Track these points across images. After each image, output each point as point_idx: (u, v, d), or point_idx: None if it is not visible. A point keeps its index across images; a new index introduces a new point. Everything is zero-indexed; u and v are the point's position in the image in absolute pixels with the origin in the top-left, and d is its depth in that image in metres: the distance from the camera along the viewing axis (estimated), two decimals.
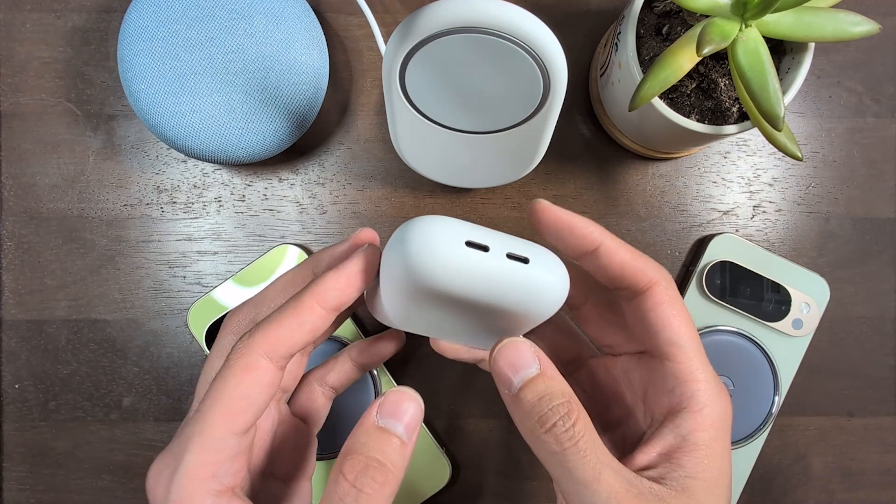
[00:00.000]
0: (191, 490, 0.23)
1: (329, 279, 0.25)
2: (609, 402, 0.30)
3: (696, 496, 0.23)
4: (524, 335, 0.26)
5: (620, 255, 0.25)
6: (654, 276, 0.25)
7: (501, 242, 0.22)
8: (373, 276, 0.26)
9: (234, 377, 0.24)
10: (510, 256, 0.22)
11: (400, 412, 0.23)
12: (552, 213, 0.26)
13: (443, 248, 0.21)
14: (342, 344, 0.42)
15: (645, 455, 0.25)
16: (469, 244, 0.22)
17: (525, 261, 0.22)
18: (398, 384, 0.42)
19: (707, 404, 0.24)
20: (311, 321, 0.24)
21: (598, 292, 0.30)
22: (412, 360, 0.44)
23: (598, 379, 0.30)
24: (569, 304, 0.30)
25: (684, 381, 0.24)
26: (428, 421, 0.43)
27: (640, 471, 0.24)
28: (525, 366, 0.23)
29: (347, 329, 0.42)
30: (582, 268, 0.28)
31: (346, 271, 0.25)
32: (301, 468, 0.30)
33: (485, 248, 0.22)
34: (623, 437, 0.28)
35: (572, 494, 0.22)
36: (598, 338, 0.30)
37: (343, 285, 0.25)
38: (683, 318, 0.25)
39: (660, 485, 0.23)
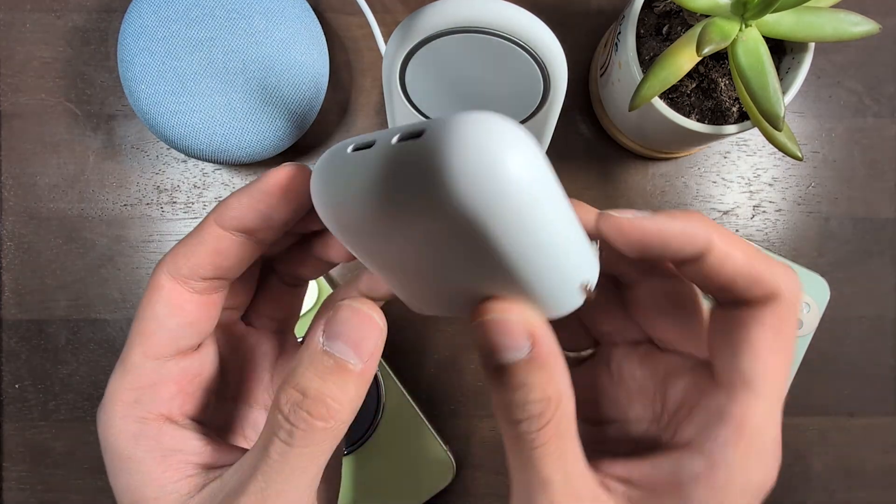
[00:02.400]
0: (115, 417, 0.21)
1: (230, 197, 0.22)
2: (598, 397, 0.26)
3: None
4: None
5: (732, 262, 0.19)
6: (775, 289, 0.19)
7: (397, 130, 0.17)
8: (293, 200, 0.22)
9: (145, 297, 0.22)
10: (402, 138, 0.16)
11: (353, 336, 0.19)
12: (638, 229, 0.19)
13: (328, 163, 0.18)
14: None
15: (631, 471, 0.21)
16: (356, 148, 0.17)
17: (417, 134, 0.16)
18: (400, 382, 0.42)
19: (740, 473, 0.19)
20: (211, 241, 0.22)
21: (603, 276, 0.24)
22: (413, 360, 0.44)
23: (598, 369, 0.26)
24: (619, 278, 0.25)
25: (726, 426, 0.20)
26: (431, 419, 0.43)
27: (617, 479, 0.21)
28: (514, 347, 0.18)
29: None
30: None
31: (249, 189, 0.22)
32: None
33: (369, 145, 0.17)
34: (608, 435, 0.25)
35: (518, 482, 0.19)
36: (595, 323, 0.26)
37: (244, 204, 0.21)
38: (782, 355, 0.20)
39: None
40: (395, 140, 0.16)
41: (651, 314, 0.24)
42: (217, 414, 0.26)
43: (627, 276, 0.24)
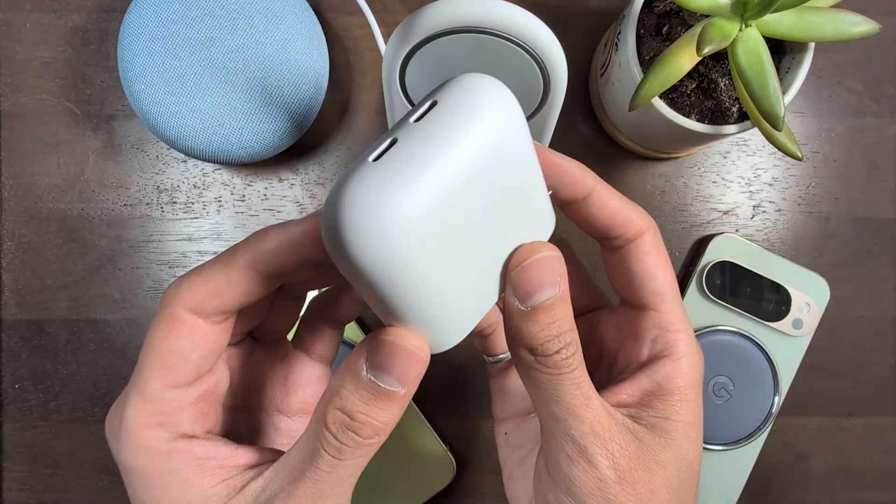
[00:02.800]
0: (141, 439, 0.22)
1: (267, 238, 0.21)
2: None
3: (671, 436, 0.23)
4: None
5: (612, 203, 0.24)
6: (643, 225, 0.24)
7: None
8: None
9: (161, 328, 0.22)
10: (417, 119, 0.18)
11: (397, 369, 0.20)
12: (543, 155, 0.23)
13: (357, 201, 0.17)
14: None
15: (616, 395, 0.24)
16: (375, 159, 0.18)
17: (432, 105, 0.19)
18: None
19: (686, 354, 0.24)
20: (243, 283, 0.22)
21: (563, 250, 0.28)
22: None
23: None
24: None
25: (667, 332, 0.25)
26: (431, 419, 0.43)
27: (615, 407, 0.24)
28: (551, 284, 0.21)
29: (351, 331, 0.42)
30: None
31: (289, 231, 0.21)
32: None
33: (392, 144, 0.18)
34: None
35: (555, 420, 0.22)
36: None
37: (285, 248, 0.21)
38: (669, 269, 0.25)
39: (634, 421, 0.23)
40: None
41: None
42: (232, 424, 0.26)
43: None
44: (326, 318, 0.28)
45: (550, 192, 0.23)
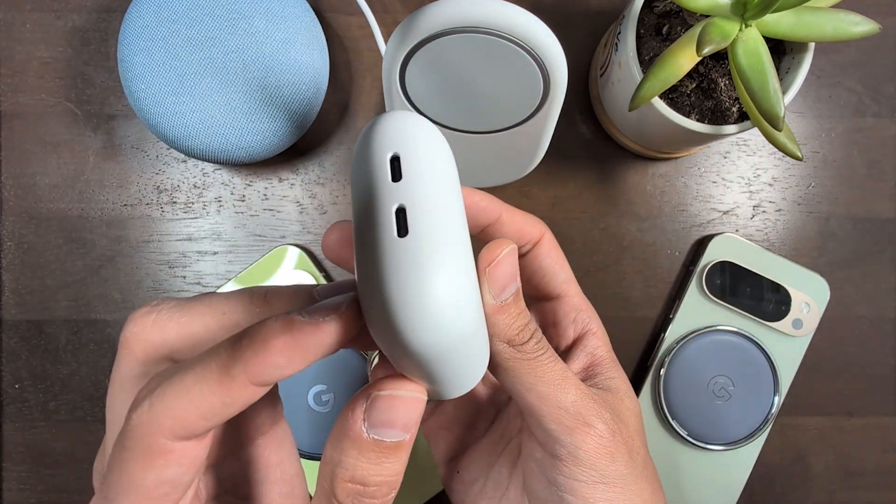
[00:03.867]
0: None
1: (276, 347, 0.17)
2: None
3: (622, 392, 0.26)
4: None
5: (517, 219, 0.27)
6: (541, 229, 0.28)
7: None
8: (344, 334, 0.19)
9: (139, 464, 0.18)
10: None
11: (399, 421, 0.19)
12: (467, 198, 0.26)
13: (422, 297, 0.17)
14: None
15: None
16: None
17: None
18: None
19: (599, 327, 0.28)
20: (242, 400, 0.18)
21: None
22: None
23: None
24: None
25: (581, 311, 0.28)
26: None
27: None
28: (516, 276, 0.22)
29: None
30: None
31: (305, 339, 0.18)
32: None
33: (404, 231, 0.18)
34: None
35: (543, 399, 0.23)
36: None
37: (296, 359, 0.18)
38: (565, 260, 0.28)
39: (595, 388, 0.26)
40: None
41: None
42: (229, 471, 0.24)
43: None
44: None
45: None
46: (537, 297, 0.29)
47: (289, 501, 0.24)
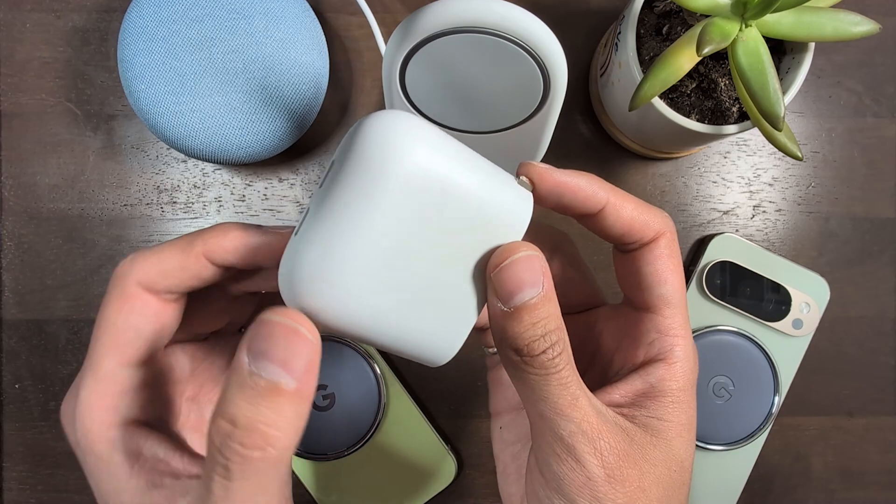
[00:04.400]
0: (92, 422, 0.22)
1: (226, 232, 0.22)
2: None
3: (663, 436, 0.23)
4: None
5: (628, 211, 0.24)
6: (660, 228, 0.24)
7: None
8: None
9: (113, 305, 0.22)
10: (321, 185, 0.20)
11: (280, 354, 0.18)
12: (552, 178, 0.23)
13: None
14: (358, 353, 0.42)
15: (609, 395, 0.24)
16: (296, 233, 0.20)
17: (331, 166, 0.21)
18: (401, 381, 0.42)
19: (682, 359, 0.24)
20: (194, 268, 0.22)
21: (564, 246, 0.29)
22: None
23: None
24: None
25: (665, 336, 0.25)
26: (432, 419, 0.43)
27: (608, 406, 0.24)
28: (532, 284, 0.20)
29: None
30: (544, 224, 0.26)
31: (251, 237, 0.22)
32: None
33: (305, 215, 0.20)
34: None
35: (543, 420, 0.22)
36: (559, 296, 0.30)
37: (242, 245, 0.22)
38: (679, 273, 0.25)
39: (626, 420, 0.23)
40: None
41: (558, 284, 0.28)
42: (187, 416, 0.26)
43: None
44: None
45: (525, 180, 0.23)
46: (629, 303, 0.26)
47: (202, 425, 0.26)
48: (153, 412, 0.23)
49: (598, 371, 0.28)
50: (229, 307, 0.27)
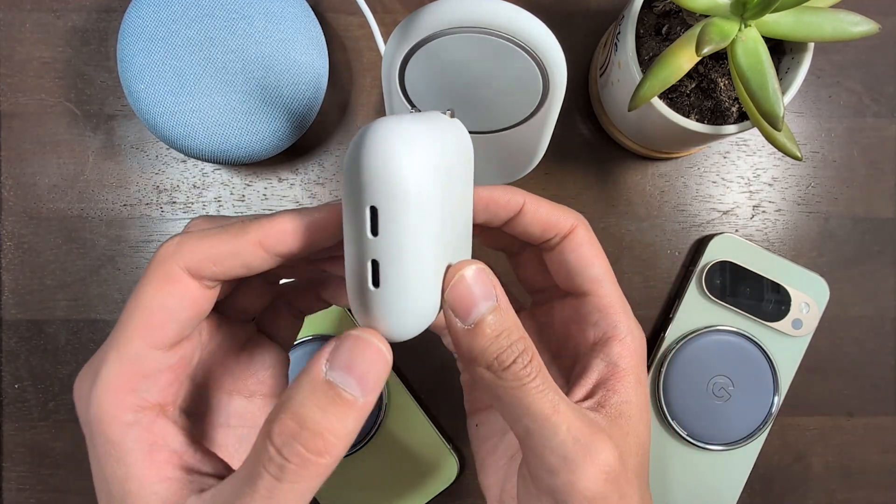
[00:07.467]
0: (109, 404, 0.21)
1: (282, 221, 0.22)
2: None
3: (632, 420, 0.24)
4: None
5: (542, 210, 0.26)
6: (574, 221, 0.26)
7: None
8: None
9: (152, 286, 0.21)
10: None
11: (358, 367, 0.19)
12: (477, 195, 0.25)
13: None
14: None
15: (582, 388, 0.25)
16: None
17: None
18: (403, 382, 0.42)
19: (628, 333, 0.26)
20: (247, 257, 0.22)
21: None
22: (416, 358, 0.44)
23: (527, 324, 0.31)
24: (506, 252, 0.31)
25: (608, 314, 0.26)
26: (434, 418, 0.43)
27: (578, 402, 0.24)
28: (485, 297, 0.21)
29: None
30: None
31: (306, 216, 0.22)
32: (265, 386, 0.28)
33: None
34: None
35: (530, 435, 0.22)
36: (531, 285, 0.31)
37: (298, 234, 0.22)
38: (602, 257, 0.27)
39: (597, 413, 0.24)
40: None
41: (531, 273, 0.30)
42: (191, 399, 0.26)
43: (511, 247, 0.31)
44: (291, 305, 0.28)
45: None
46: (567, 292, 0.28)
47: (245, 445, 0.26)
48: (173, 396, 0.23)
49: (558, 364, 0.29)
50: (257, 299, 0.28)
